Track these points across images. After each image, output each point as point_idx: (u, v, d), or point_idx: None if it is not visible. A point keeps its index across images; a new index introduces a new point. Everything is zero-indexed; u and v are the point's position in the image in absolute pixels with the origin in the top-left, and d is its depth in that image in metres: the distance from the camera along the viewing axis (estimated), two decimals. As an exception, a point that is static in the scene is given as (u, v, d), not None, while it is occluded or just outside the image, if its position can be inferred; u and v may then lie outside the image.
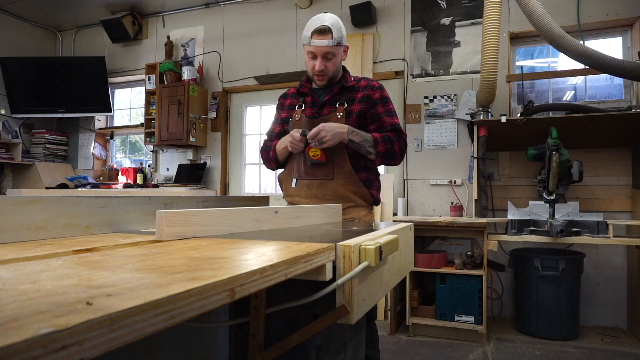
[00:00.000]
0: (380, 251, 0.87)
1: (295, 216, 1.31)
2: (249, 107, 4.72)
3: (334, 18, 1.81)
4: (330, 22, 1.78)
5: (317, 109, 1.90)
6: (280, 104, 2.05)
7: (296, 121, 1.92)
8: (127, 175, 4.89)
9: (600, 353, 2.77)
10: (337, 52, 1.82)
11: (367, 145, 1.80)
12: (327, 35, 1.77)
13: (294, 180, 1.91)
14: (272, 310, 0.95)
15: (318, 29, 1.77)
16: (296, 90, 2.00)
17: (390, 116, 1.89)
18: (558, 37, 2.53)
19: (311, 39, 1.79)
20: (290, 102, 2.00)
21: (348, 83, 1.90)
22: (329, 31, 1.76)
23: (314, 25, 1.79)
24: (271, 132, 2.08)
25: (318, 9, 4.29)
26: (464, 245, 3.56)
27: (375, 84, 1.92)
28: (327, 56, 1.80)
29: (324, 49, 1.78)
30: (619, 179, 3.32)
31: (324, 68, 1.81)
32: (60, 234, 0.93)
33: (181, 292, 0.41)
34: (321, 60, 1.80)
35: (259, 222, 1.12)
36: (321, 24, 1.77)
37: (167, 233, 0.85)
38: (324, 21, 1.78)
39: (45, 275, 0.48)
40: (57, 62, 5.01)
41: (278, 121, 2.06)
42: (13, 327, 0.29)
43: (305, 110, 1.92)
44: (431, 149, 3.83)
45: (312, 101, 1.93)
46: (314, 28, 1.78)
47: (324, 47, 1.78)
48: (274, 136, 2.05)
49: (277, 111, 2.07)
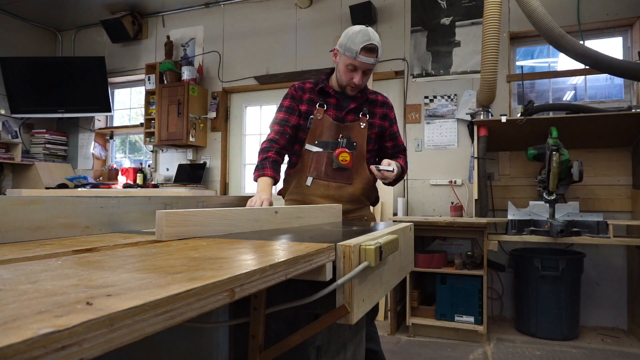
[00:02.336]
0: (380, 251, 0.87)
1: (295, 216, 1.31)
2: (249, 107, 4.72)
3: (378, 36, 1.84)
4: (377, 41, 1.81)
5: (342, 113, 1.93)
6: (299, 96, 1.95)
7: (318, 120, 1.90)
8: (127, 175, 4.89)
9: (601, 353, 2.77)
10: (374, 68, 1.91)
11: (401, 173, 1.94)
12: (374, 54, 1.81)
13: (309, 178, 1.88)
14: (272, 310, 0.95)
15: (368, 47, 1.77)
16: (315, 86, 1.95)
17: (400, 135, 2.09)
18: (558, 37, 2.53)
19: (359, 55, 1.78)
20: (310, 97, 1.94)
21: (370, 95, 1.99)
22: (376, 50, 1.80)
23: (363, 41, 1.76)
24: (285, 121, 1.92)
25: (318, 8, 4.29)
26: (464, 245, 3.56)
27: (389, 102, 2.05)
28: (366, 72, 1.86)
29: (369, 66, 1.83)
30: (619, 179, 3.32)
31: (360, 82, 1.86)
32: (60, 234, 0.93)
33: (181, 292, 0.41)
34: (362, 75, 1.85)
35: (259, 222, 1.12)
36: (370, 41, 1.77)
37: (167, 233, 0.85)
38: (373, 39, 1.78)
39: (45, 275, 0.48)
40: (57, 62, 5.00)
41: (295, 113, 1.94)
42: (13, 327, 0.29)
43: (329, 111, 1.93)
44: (431, 149, 3.83)
45: (336, 104, 1.94)
46: (363, 44, 1.76)
47: (369, 65, 1.82)
48: (288, 126, 1.92)
49: (294, 101, 1.95)
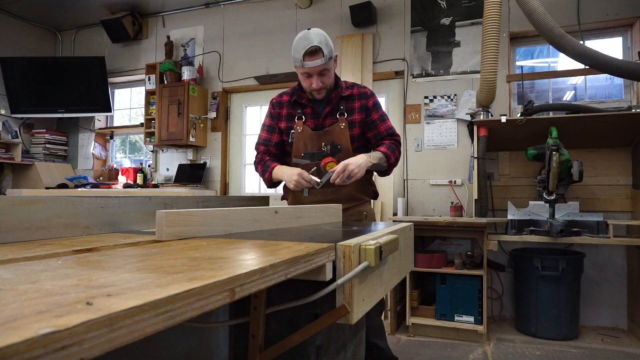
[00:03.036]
0: (380, 251, 0.87)
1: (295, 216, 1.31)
2: (249, 107, 4.72)
3: (320, 33, 1.79)
4: (318, 40, 1.76)
5: (319, 120, 1.94)
6: (277, 113, 2.02)
7: (299, 133, 1.94)
8: (127, 175, 4.89)
9: (601, 353, 2.77)
10: (330, 66, 1.84)
11: (382, 162, 1.89)
12: (318, 55, 1.77)
13: (305, 190, 1.89)
14: (272, 310, 0.95)
15: (308, 51, 1.76)
16: (290, 99, 1.99)
17: (384, 121, 1.98)
18: (558, 37, 2.53)
19: (303, 62, 1.79)
20: (288, 112, 2.00)
21: (344, 92, 1.94)
22: (319, 50, 1.76)
23: (303, 46, 1.77)
24: (268, 141, 2.04)
25: (318, 8, 4.29)
26: (464, 245, 3.56)
27: (367, 91, 1.99)
28: (322, 73, 1.83)
29: (318, 69, 1.80)
30: (619, 179, 3.32)
31: (322, 84, 1.85)
32: (60, 234, 0.93)
33: (181, 292, 0.41)
34: (317, 78, 1.83)
35: (259, 222, 1.12)
36: (310, 44, 1.76)
37: (167, 233, 0.85)
38: (312, 41, 1.76)
39: (45, 275, 0.48)
40: (57, 62, 5.00)
41: (276, 130, 2.03)
42: (13, 327, 0.29)
43: (307, 122, 1.95)
44: (431, 149, 3.83)
45: (312, 112, 1.96)
46: (303, 50, 1.77)
47: (318, 67, 1.79)
48: (271, 145, 2.04)
49: (273, 120, 2.03)
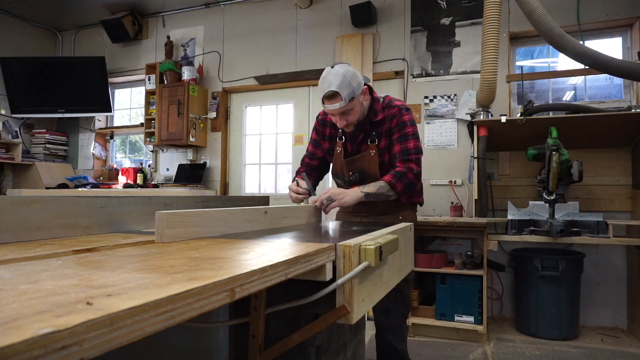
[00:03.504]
0: (380, 251, 0.87)
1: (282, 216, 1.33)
2: (249, 107, 4.72)
3: (340, 74, 1.76)
4: (337, 84, 1.75)
5: (355, 145, 1.98)
6: (321, 131, 2.10)
7: (337, 154, 2.03)
8: (127, 175, 4.89)
9: (600, 353, 2.77)
10: (353, 105, 1.82)
11: (384, 191, 1.84)
12: (337, 99, 1.77)
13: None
14: (272, 310, 0.95)
15: (326, 96, 1.78)
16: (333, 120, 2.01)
17: (402, 142, 1.90)
18: (558, 37, 2.53)
19: (325, 104, 1.82)
20: (331, 133, 2.08)
21: (377, 117, 1.92)
22: (337, 95, 1.76)
23: (322, 89, 1.79)
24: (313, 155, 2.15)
25: (318, 8, 4.29)
26: (464, 245, 3.55)
27: (394, 112, 1.92)
28: (344, 112, 1.83)
29: (338, 111, 1.81)
30: (619, 179, 3.32)
31: (346, 122, 1.86)
32: (60, 234, 0.93)
33: (181, 292, 0.41)
34: (340, 117, 1.84)
35: (250, 222, 1.13)
36: (328, 88, 1.76)
37: (167, 235, 0.85)
38: (331, 84, 1.76)
39: (45, 275, 0.48)
40: (57, 62, 5.00)
41: (321, 146, 2.12)
42: (13, 327, 0.29)
43: (347, 144, 2.01)
44: (431, 149, 3.83)
45: (349, 136, 2.00)
46: (322, 94, 1.79)
47: (337, 110, 1.80)
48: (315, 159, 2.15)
49: (318, 135, 2.11)
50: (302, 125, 4.42)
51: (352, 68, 1.82)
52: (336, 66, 1.79)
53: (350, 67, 1.81)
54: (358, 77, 1.81)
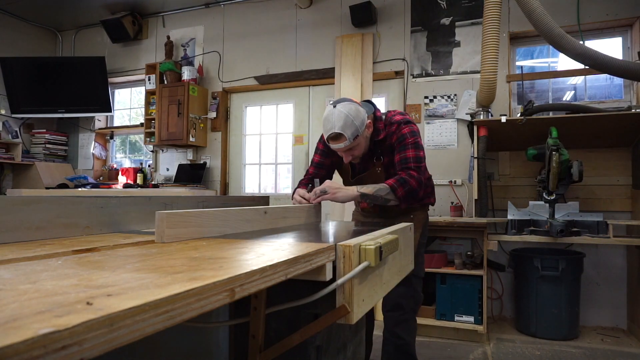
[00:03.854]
0: (380, 251, 0.87)
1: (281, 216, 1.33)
2: (249, 107, 4.72)
3: (343, 115, 1.77)
4: (340, 126, 1.76)
5: (362, 164, 2.02)
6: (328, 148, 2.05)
7: (345, 174, 2.10)
8: (127, 175, 4.89)
9: (600, 353, 2.77)
10: (358, 141, 1.85)
11: (382, 194, 1.83)
12: (341, 139, 1.80)
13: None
14: (272, 310, 0.95)
15: (331, 137, 1.81)
16: None
17: (402, 151, 1.91)
18: (558, 37, 2.53)
19: (328, 142, 1.86)
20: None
21: (379, 136, 1.94)
22: (342, 136, 1.79)
23: (326, 130, 1.82)
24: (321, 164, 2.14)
25: (318, 8, 4.29)
26: (464, 245, 3.55)
27: (394, 129, 1.93)
28: (350, 149, 1.87)
29: (344, 149, 1.85)
30: (619, 179, 3.32)
31: (351, 157, 1.90)
32: (60, 234, 0.93)
33: (181, 292, 0.41)
34: (346, 154, 1.89)
35: (250, 222, 1.13)
36: (332, 130, 1.79)
37: (168, 235, 0.85)
38: (334, 126, 1.77)
39: (45, 275, 0.48)
40: (57, 62, 5.00)
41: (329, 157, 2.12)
42: (13, 327, 0.29)
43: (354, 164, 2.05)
44: (431, 149, 3.83)
45: None
46: (327, 135, 1.83)
47: (342, 148, 1.84)
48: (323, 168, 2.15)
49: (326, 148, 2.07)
50: (302, 125, 4.42)
51: (354, 105, 1.81)
52: (338, 106, 1.80)
53: (352, 105, 1.81)
54: (361, 114, 1.82)
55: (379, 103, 4.14)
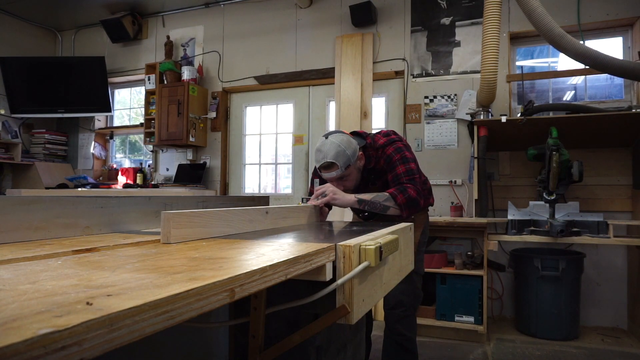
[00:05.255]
0: (380, 251, 0.86)
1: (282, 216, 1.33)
2: (249, 107, 4.72)
3: (335, 145, 1.79)
4: (333, 155, 1.78)
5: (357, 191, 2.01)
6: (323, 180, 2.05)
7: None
8: (127, 175, 4.89)
9: (601, 353, 2.77)
10: (350, 171, 1.86)
11: (381, 200, 1.83)
12: (333, 168, 1.82)
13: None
14: (272, 310, 0.95)
15: (323, 166, 1.83)
16: None
17: (392, 170, 1.93)
18: (558, 37, 2.53)
19: (320, 172, 1.86)
20: None
21: (370, 164, 1.97)
22: (334, 165, 1.81)
23: (318, 160, 1.83)
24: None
25: (318, 8, 4.29)
26: (464, 245, 3.55)
27: (380, 153, 1.95)
28: (341, 179, 1.87)
29: (335, 178, 1.86)
30: (619, 179, 3.32)
31: (343, 187, 1.90)
32: (60, 234, 0.93)
33: (181, 292, 0.41)
34: (337, 184, 1.89)
35: (253, 222, 1.13)
36: (324, 159, 1.80)
37: (174, 235, 0.84)
38: (326, 155, 1.79)
39: (45, 275, 0.48)
40: (57, 62, 5.00)
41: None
42: (13, 327, 0.29)
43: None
44: (431, 149, 3.83)
45: None
46: (319, 164, 1.83)
47: (334, 177, 1.85)
48: None
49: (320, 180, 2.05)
50: (302, 125, 4.42)
51: (346, 136, 1.84)
52: (330, 137, 1.83)
53: (344, 136, 1.84)
54: (353, 145, 1.84)
55: (379, 103, 4.14)
